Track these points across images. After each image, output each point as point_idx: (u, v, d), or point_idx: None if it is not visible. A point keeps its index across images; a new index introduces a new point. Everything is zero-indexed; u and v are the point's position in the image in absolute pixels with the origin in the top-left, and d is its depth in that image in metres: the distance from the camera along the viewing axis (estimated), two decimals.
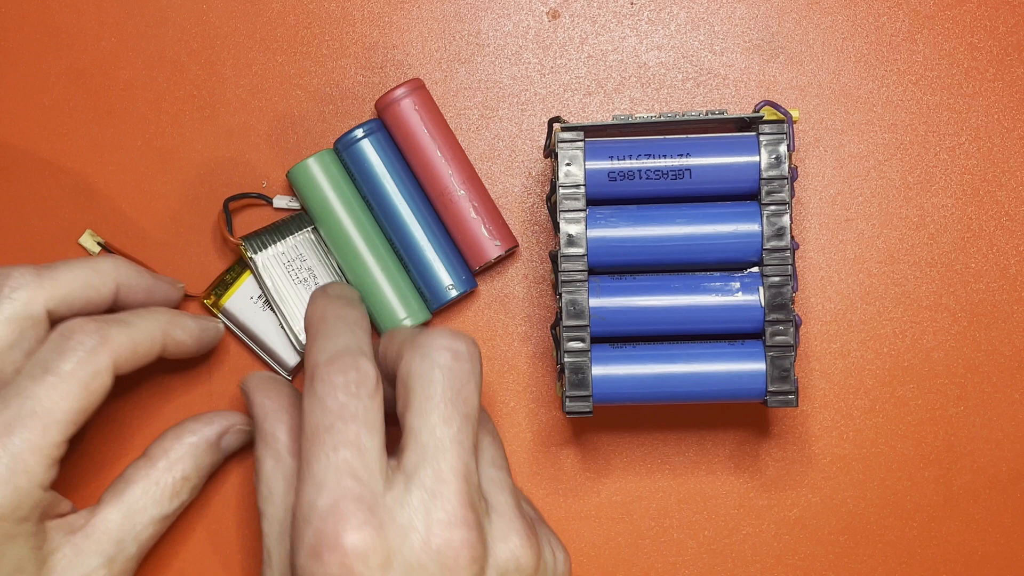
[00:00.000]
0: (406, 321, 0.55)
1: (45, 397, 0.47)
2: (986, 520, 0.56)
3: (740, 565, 0.56)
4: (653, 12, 0.57)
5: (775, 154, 0.51)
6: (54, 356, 0.48)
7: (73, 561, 0.49)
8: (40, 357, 0.48)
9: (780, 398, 0.51)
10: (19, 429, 0.46)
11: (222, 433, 0.53)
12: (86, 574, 0.49)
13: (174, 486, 0.52)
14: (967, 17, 0.56)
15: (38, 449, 0.47)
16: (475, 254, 0.55)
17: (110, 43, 0.57)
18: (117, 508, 0.50)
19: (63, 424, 0.47)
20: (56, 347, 0.48)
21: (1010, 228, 0.56)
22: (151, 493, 0.51)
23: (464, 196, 0.54)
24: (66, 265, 0.50)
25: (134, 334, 0.50)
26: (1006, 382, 0.56)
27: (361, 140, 0.54)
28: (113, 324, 0.49)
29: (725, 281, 0.51)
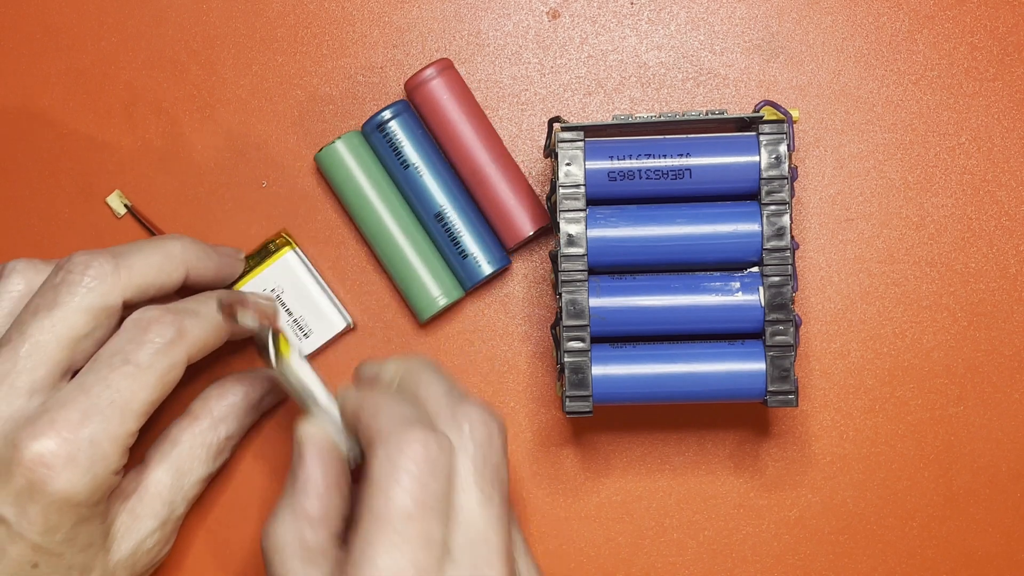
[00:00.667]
0: (440, 299, 0.55)
1: (124, 387, 0.47)
2: (986, 520, 0.56)
3: (740, 565, 0.56)
4: (653, 12, 0.57)
5: (775, 154, 0.51)
6: (133, 347, 0.48)
7: (131, 526, 0.50)
8: (118, 346, 0.48)
9: (780, 398, 0.51)
10: (98, 418, 0.47)
11: (263, 394, 0.54)
12: (143, 537, 0.50)
13: (219, 445, 0.53)
14: (967, 17, 0.56)
15: (115, 438, 0.47)
16: (511, 232, 0.55)
17: (110, 43, 0.57)
18: (166, 470, 0.51)
19: (138, 414, 0.48)
20: (134, 338, 0.48)
21: (1010, 228, 0.56)
22: (198, 453, 0.52)
23: (498, 174, 0.54)
24: (140, 252, 0.50)
25: (206, 326, 0.50)
26: (1006, 382, 0.56)
27: (390, 121, 0.54)
28: (187, 316, 0.49)
29: (725, 281, 0.51)
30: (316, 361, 0.56)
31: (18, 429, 0.46)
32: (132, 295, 0.50)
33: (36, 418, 0.47)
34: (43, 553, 0.47)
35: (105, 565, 0.49)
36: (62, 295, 0.48)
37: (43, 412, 0.47)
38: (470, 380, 0.56)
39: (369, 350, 0.56)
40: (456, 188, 0.55)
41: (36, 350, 0.48)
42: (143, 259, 0.50)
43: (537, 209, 0.55)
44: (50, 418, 0.46)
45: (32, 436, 0.46)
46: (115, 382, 0.47)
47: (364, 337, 0.57)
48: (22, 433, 0.46)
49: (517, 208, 0.55)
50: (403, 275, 0.55)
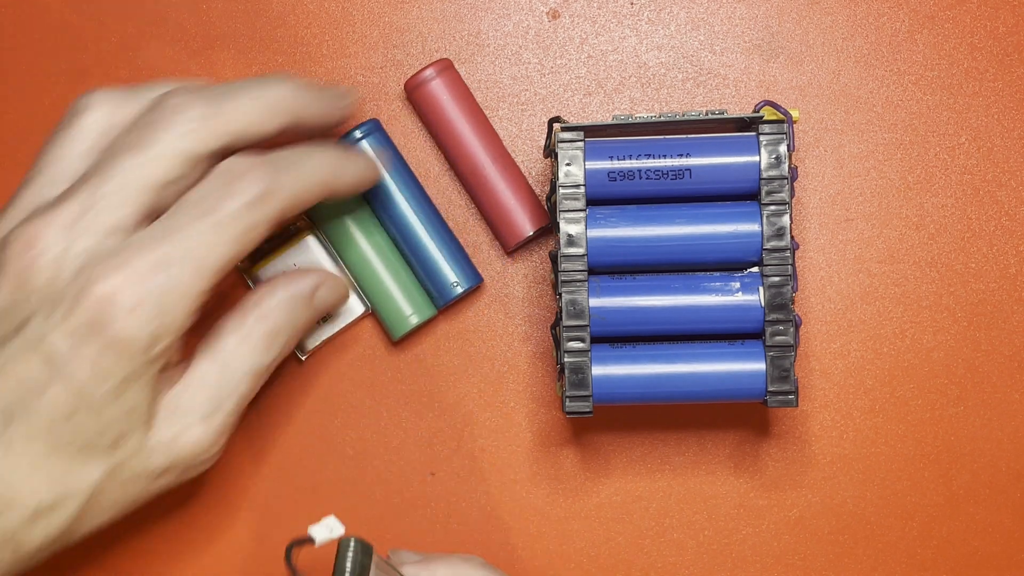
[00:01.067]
0: (412, 318, 0.55)
1: (203, 241, 0.45)
2: (986, 520, 0.56)
3: (740, 565, 0.56)
4: (653, 12, 0.57)
5: (775, 154, 0.51)
6: (218, 198, 0.46)
7: (173, 413, 0.47)
8: (203, 195, 0.46)
9: (780, 398, 0.51)
10: (172, 269, 0.45)
11: (315, 287, 0.51)
12: (185, 428, 0.47)
13: (266, 338, 0.49)
14: (967, 17, 0.56)
15: (185, 293, 0.45)
16: (511, 231, 0.55)
17: (110, 43, 0.57)
18: (211, 360, 0.48)
19: (213, 271, 0.46)
20: (221, 188, 0.46)
21: (1010, 228, 0.56)
22: (244, 345, 0.49)
23: (498, 174, 0.55)
24: (240, 97, 0.47)
25: (302, 181, 0.48)
26: (1006, 382, 0.56)
27: (360, 141, 0.54)
28: (283, 171, 0.47)
29: (725, 281, 0.51)
30: (333, 345, 0.56)
31: (91, 265, 0.45)
32: (228, 143, 0.47)
33: (110, 257, 0.45)
34: (84, 402, 0.44)
35: (142, 442, 0.46)
36: (156, 135, 0.46)
37: (118, 252, 0.45)
38: (470, 380, 0.56)
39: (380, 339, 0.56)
40: (428, 207, 0.55)
41: (120, 189, 0.45)
42: (243, 106, 0.47)
43: (537, 209, 0.55)
44: (123, 259, 0.44)
45: (103, 274, 0.44)
46: (194, 234, 0.45)
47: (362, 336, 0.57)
48: (94, 270, 0.44)
49: (517, 208, 0.55)
50: (375, 294, 0.55)
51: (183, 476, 0.48)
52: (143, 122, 0.47)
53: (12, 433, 0.44)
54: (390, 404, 0.56)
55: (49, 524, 0.45)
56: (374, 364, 0.56)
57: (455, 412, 0.56)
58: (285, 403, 0.56)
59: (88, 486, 0.46)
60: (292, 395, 0.56)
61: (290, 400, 0.56)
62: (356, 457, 0.56)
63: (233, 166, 0.46)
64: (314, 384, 0.56)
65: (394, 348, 0.56)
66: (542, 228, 0.55)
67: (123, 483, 0.47)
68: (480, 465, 0.56)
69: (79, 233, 0.45)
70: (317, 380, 0.56)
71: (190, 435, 0.47)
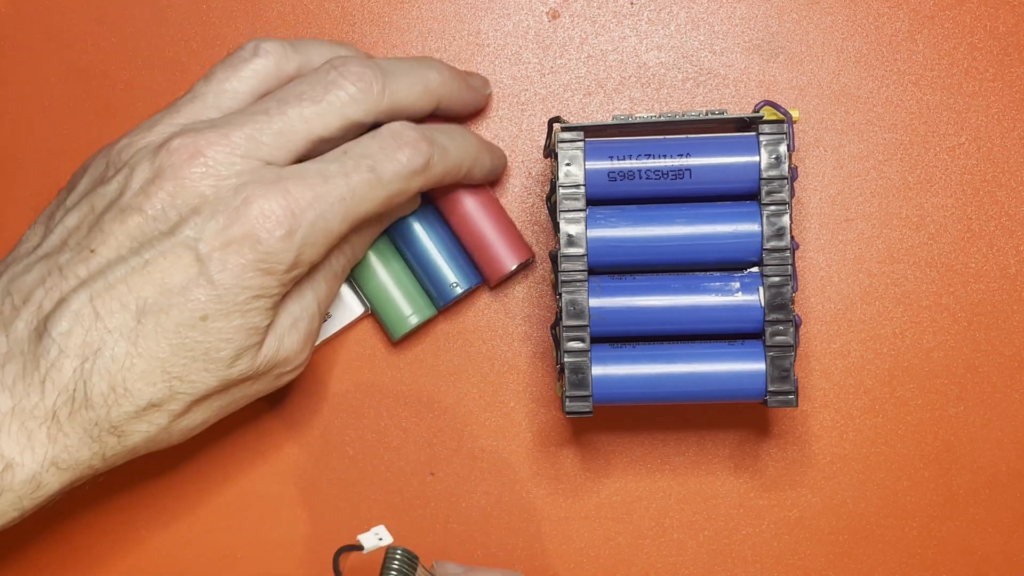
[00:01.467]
0: (412, 318, 0.55)
1: (358, 191, 0.49)
2: (986, 520, 0.56)
3: (740, 565, 0.56)
4: (653, 12, 0.57)
5: (775, 154, 0.51)
6: (383, 158, 0.49)
7: (272, 331, 0.49)
8: (370, 151, 0.50)
9: (780, 398, 0.51)
10: (325, 207, 0.48)
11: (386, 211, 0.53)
12: (279, 338, 0.50)
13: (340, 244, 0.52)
14: (967, 17, 0.56)
15: (329, 231, 0.48)
16: (492, 268, 0.55)
17: (110, 43, 0.57)
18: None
19: (357, 219, 0.49)
20: (387, 149, 0.50)
21: (1010, 228, 0.56)
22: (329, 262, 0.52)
23: (479, 210, 0.54)
24: (405, 76, 0.51)
25: (448, 164, 0.51)
26: (1006, 382, 0.56)
27: None
28: (438, 150, 0.51)
29: (725, 281, 0.51)
30: (332, 345, 0.56)
31: (252, 184, 0.47)
32: (385, 118, 0.51)
33: (272, 183, 0.48)
34: (218, 306, 0.47)
35: (255, 357, 0.49)
36: (330, 94, 0.49)
37: (280, 179, 0.48)
38: (470, 380, 0.56)
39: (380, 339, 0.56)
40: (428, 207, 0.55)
41: (287, 131, 0.49)
42: (407, 86, 0.51)
43: (518, 244, 0.55)
44: (285, 187, 0.48)
45: (264, 196, 0.47)
46: (353, 182, 0.49)
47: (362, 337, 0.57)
48: (256, 189, 0.47)
49: (499, 243, 0.55)
50: (374, 293, 0.55)
51: (276, 383, 0.51)
52: (322, 79, 0.50)
53: (143, 327, 0.47)
54: (390, 404, 0.56)
55: (152, 421, 0.48)
56: (374, 364, 0.56)
57: (455, 412, 0.56)
58: (285, 403, 0.56)
59: (199, 391, 0.48)
60: (292, 395, 0.56)
61: (290, 400, 0.56)
62: (356, 457, 0.56)
63: (403, 131, 0.50)
64: (314, 384, 0.56)
65: (394, 348, 0.56)
66: (524, 262, 0.55)
67: (226, 392, 0.49)
68: (480, 465, 0.56)
69: (243, 156, 0.48)
70: (317, 380, 0.56)
71: (287, 343, 0.50)
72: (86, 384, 0.46)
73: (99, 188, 0.49)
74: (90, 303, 0.47)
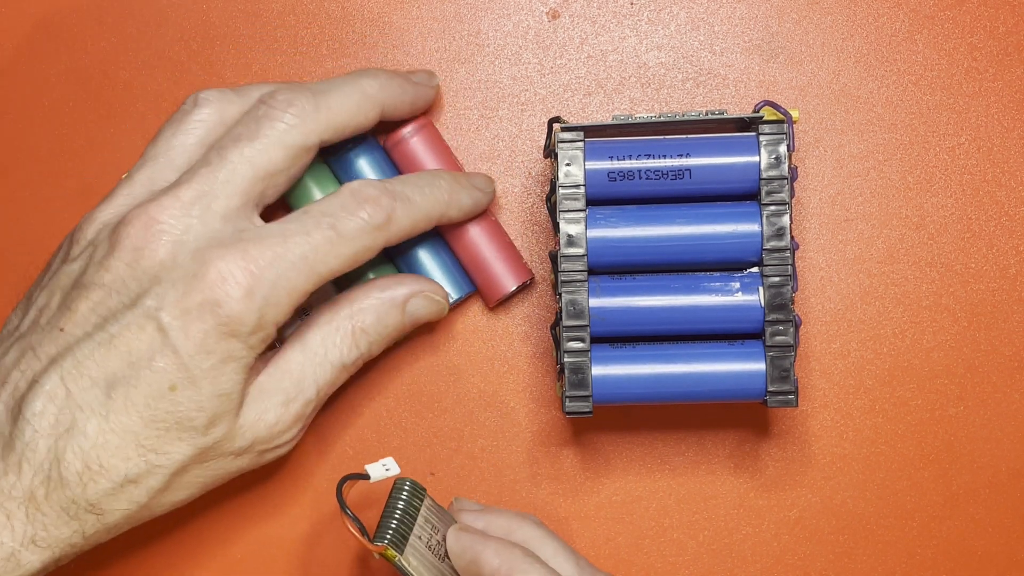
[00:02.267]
0: None
1: (320, 249, 0.49)
2: (986, 520, 0.56)
3: (740, 565, 0.56)
4: (653, 12, 0.57)
5: (775, 154, 0.51)
6: (343, 216, 0.50)
7: (258, 397, 0.50)
8: (330, 209, 0.50)
9: (780, 398, 0.51)
10: (287, 266, 0.48)
11: (409, 296, 0.53)
12: (264, 411, 0.50)
13: (354, 334, 0.51)
14: (967, 17, 0.56)
15: (293, 290, 0.49)
16: (491, 289, 0.55)
17: (110, 43, 0.57)
18: (299, 349, 0.51)
19: (321, 277, 0.49)
20: (348, 207, 0.50)
21: (1010, 228, 0.56)
22: (331, 338, 0.51)
23: (479, 231, 0.54)
24: (339, 91, 0.51)
25: (416, 215, 0.51)
26: (1006, 382, 0.56)
27: (351, 151, 0.54)
28: (401, 203, 0.51)
29: (725, 281, 0.51)
30: None
31: (210, 248, 0.48)
32: (330, 136, 0.51)
33: (231, 244, 0.48)
34: (185, 376, 0.47)
35: (232, 424, 0.49)
36: (264, 128, 0.49)
37: (239, 240, 0.48)
38: (470, 380, 0.56)
39: None
40: None
41: (234, 177, 0.49)
42: (342, 99, 0.51)
43: (517, 265, 0.55)
44: (244, 248, 0.48)
45: (222, 257, 0.47)
46: (314, 241, 0.49)
47: None
48: (213, 252, 0.47)
49: (498, 265, 0.55)
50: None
51: (260, 459, 0.51)
52: (254, 116, 0.50)
53: (113, 402, 0.47)
54: (390, 404, 0.56)
55: (132, 496, 0.48)
56: (374, 364, 0.56)
57: (455, 412, 0.56)
58: None
59: (175, 463, 0.48)
60: None
61: None
62: (356, 457, 0.56)
63: (363, 189, 0.50)
64: None
65: (394, 348, 0.56)
66: (523, 284, 0.55)
67: (207, 463, 0.49)
68: (480, 465, 0.56)
69: (196, 216, 0.48)
70: None
71: (270, 417, 0.50)
72: (60, 463, 0.46)
73: (65, 267, 0.49)
74: (61, 382, 0.47)
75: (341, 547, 0.56)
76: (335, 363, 0.51)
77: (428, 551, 0.50)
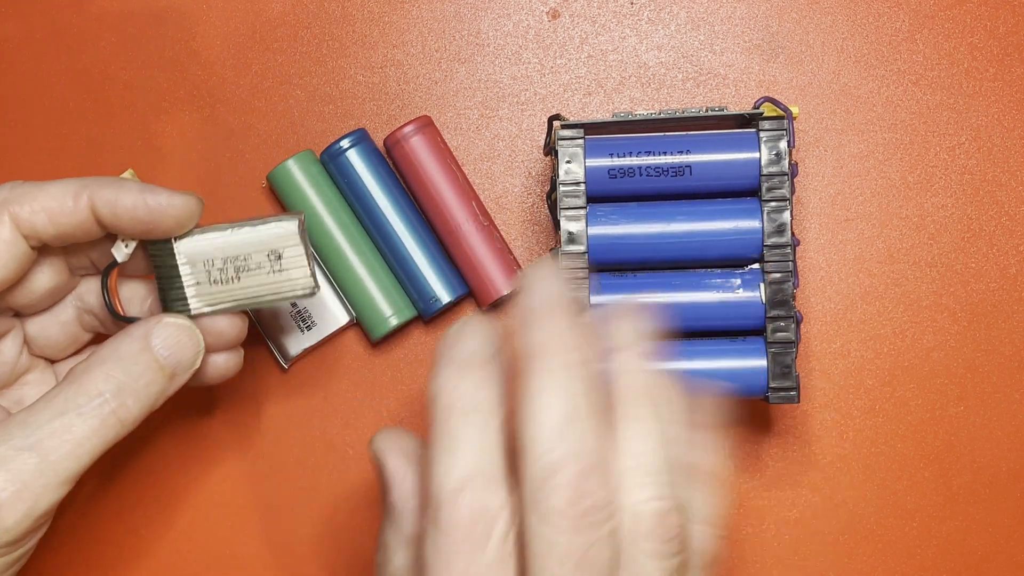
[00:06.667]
0: (392, 319, 0.55)
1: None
2: (986, 520, 0.56)
3: (740, 565, 0.56)
4: (653, 12, 0.57)
5: (775, 150, 0.51)
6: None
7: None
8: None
9: (782, 394, 0.51)
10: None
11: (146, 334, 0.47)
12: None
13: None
14: (967, 17, 0.56)
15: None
16: (484, 292, 0.55)
17: (110, 43, 0.57)
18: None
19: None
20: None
21: (1010, 228, 0.56)
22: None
23: (475, 233, 0.55)
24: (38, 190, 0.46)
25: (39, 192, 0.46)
26: (1006, 382, 0.56)
27: (347, 151, 0.54)
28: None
29: (726, 278, 0.51)
30: (332, 344, 0.56)
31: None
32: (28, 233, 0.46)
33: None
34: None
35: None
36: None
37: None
38: None
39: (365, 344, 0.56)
40: (415, 217, 0.55)
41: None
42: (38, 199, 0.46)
43: (511, 268, 0.55)
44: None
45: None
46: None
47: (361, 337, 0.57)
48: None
49: (493, 268, 0.55)
50: (354, 294, 0.55)
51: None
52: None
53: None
54: (390, 404, 0.56)
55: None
56: (374, 364, 0.56)
57: None
58: (286, 404, 0.56)
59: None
60: (292, 396, 0.56)
61: (291, 401, 0.56)
62: (356, 458, 0.56)
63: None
64: (314, 385, 0.56)
65: (394, 347, 0.56)
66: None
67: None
68: None
69: None
70: (317, 381, 0.56)
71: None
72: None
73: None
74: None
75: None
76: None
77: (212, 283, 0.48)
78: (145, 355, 0.46)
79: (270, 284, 0.48)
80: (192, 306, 0.48)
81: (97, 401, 0.45)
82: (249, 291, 0.48)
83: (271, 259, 0.48)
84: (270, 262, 0.48)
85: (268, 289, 0.48)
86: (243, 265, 0.48)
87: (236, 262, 0.47)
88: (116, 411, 0.45)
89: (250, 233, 0.47)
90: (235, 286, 0.48)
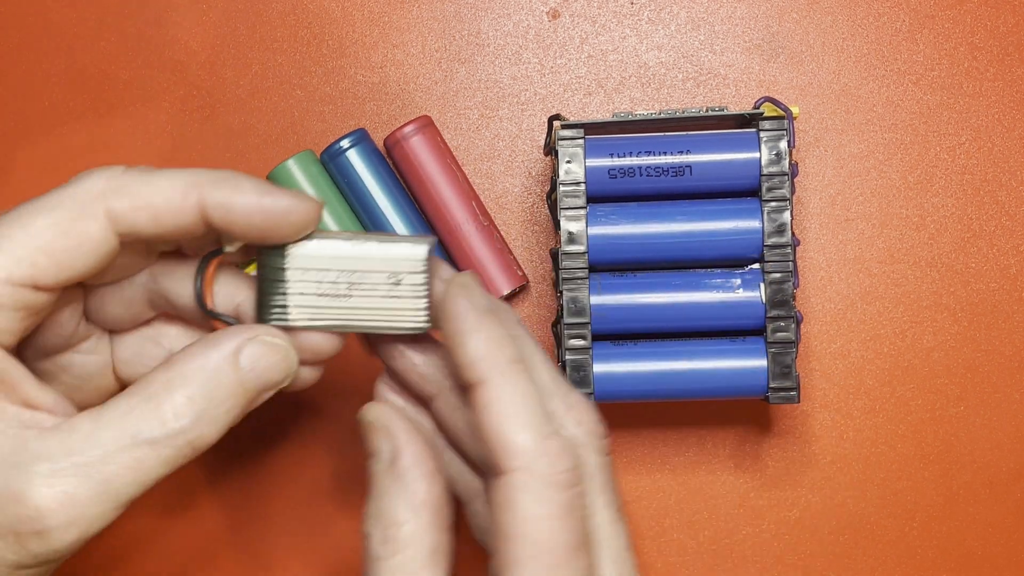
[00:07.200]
0: None
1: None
2: (986, 520, 0.56)
3: (740, 565, 0.56)
4: (653, 12, 0.57)
5: (775, 150, 0.51)
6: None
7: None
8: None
9: (782, 394, 0.51)
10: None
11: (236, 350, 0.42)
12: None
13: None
14: (967, 17, 0.56)
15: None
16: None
17: (110, 43, 0.57)
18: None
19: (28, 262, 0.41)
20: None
21: (1010, 228, 0.56)
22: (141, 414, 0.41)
23: (475, 233, 0.55)
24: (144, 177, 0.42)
25: (147, 184, 0.41)
26: (1006, 382, 0.56)
27: (347, 151, 0.54)
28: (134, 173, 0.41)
29: (726, 278, 0.51)
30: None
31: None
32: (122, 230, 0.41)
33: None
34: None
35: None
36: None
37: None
38: None
39: None
40: (414, 217, 0.55)
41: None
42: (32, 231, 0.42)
43: (511, 269, 0.55)
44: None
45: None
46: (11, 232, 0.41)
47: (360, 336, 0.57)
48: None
49: (492, 268, 0.55)
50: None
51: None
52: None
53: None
54: None
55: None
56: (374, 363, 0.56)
57: None
58: (286, 404, 0.56)
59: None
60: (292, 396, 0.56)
61: (291, 401, 0.56)
62: (356, 458, 0.56)
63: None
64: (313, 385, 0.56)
65: None
66: (515, 290, 0.55)
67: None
68: None
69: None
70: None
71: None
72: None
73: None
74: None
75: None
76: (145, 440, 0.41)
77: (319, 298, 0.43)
78: (231, 376, 0.41)
79: (380, 310, 0.43)
80: (291, 316, 0.43)
81: (175, 430, 0.40)
82: (356, 313, 0.43)
83: (389, 282, 0.43)
84: (387, 286, 0.43)
85: (376, 315, 0.43)
86: (358, 282, 0.43)
87: (352, 276, 0.43)
88: (192, 441, 0.41)
89: (375, 248, 0.43)
90: (344, 303, 0.43)
